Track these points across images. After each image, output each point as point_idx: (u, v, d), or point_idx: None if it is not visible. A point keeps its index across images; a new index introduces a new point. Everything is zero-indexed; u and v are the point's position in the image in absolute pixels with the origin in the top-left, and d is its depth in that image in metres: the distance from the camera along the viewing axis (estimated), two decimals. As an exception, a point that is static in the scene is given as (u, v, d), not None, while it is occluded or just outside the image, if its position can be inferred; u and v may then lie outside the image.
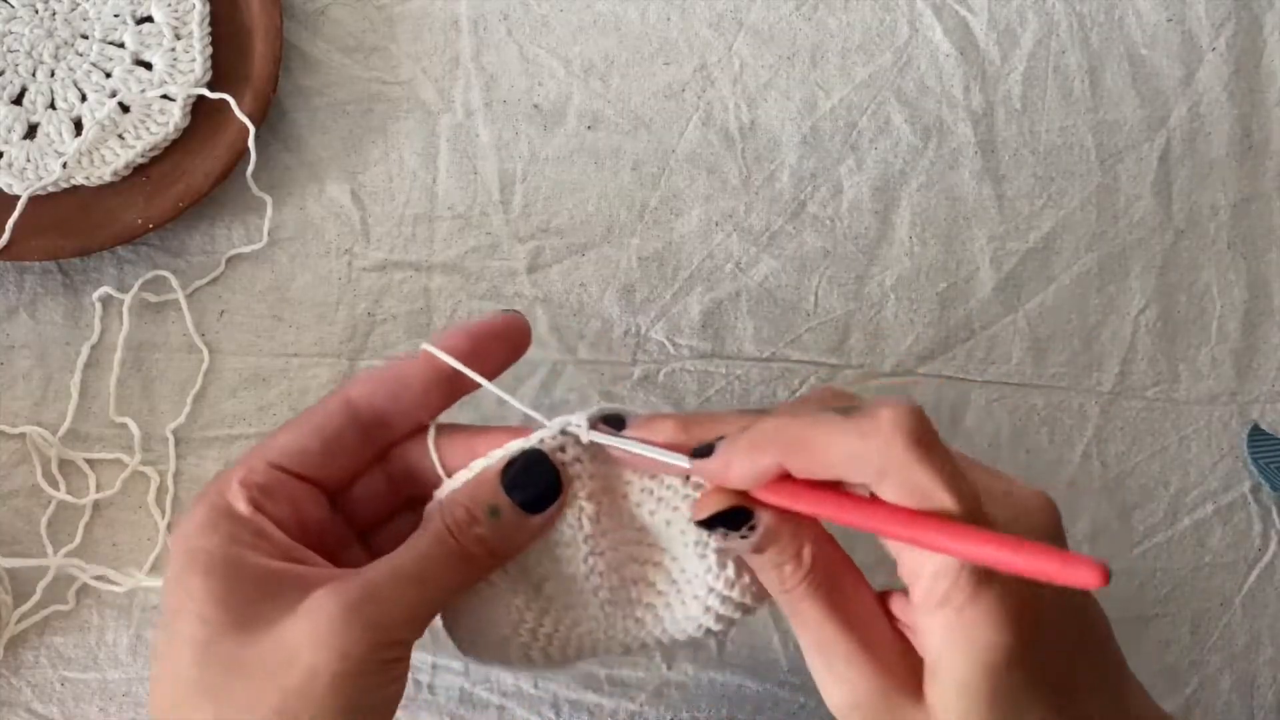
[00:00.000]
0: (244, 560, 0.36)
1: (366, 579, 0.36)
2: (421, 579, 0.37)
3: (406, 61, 0.56)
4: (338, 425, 0.39)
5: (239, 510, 0.37)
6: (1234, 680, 0.55)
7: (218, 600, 0.36)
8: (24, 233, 0.52)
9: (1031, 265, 0.57)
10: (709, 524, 0.36)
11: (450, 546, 0.37)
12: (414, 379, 0.39)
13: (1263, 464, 0.55)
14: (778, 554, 0.35)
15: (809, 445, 0.34)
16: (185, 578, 0.36)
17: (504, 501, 0.37)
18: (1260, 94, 0.59)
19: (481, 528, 0.37)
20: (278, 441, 0.39)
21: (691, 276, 0.55)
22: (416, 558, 0.37)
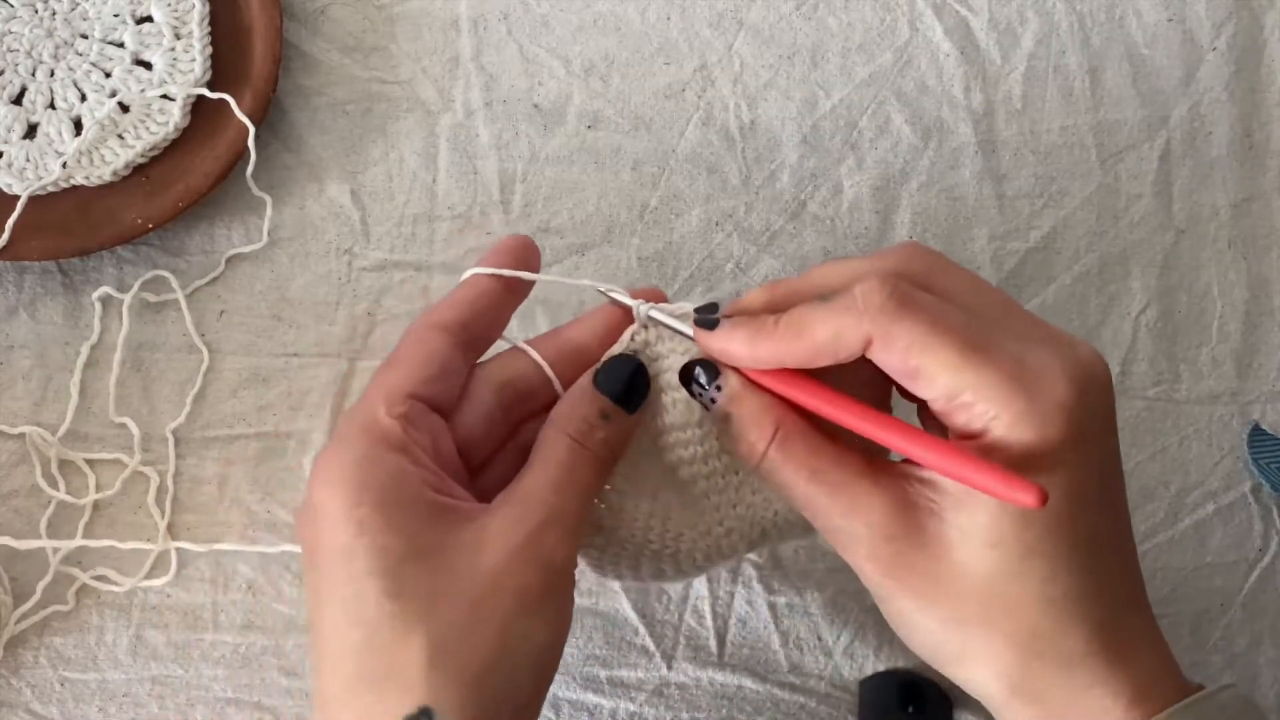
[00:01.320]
0: (413, 490, 0.36)
1: (532, 495, 0.37)
2: (576, 486, 0.38)
3: (406, 61, 0.56)
4: (446, 350, 0.39)
5: (397, 438, 0.37)
6: (1235, 680, 0.55)
7: (396, 529, 0.35)
8: (24, 233, 0.52)
9: (1032, 265, 0.57)
10: (684, 376, 0.39)
11: (582, 453, 0.38)
12: (489, 290, 0.41)
13: (1263, 464, 0.55)
14: (742, 420, 0.38)
15: (801, 336, 0.36)
16: (355, 510, 0.36)
17: (608, 404, 0.39)
18: (1260, 94, 0.59)
19: (601, 431, 0.39)
20: (403, 372, 0.39)
21: (691, 276, 0.55)
22: (560, 467, 0.38)
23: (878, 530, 0.36)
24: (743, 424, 0.38)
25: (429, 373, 0.39)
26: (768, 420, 0.38)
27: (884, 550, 0.36)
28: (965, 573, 0.35)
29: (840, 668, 0.53)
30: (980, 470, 0.33)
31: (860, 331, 0.35)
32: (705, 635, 0.52)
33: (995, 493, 0.33)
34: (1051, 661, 0.36)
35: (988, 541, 0.35)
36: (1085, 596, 0.36)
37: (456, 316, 0.40)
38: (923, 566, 0.36)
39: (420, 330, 0.40)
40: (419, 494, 0.36)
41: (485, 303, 0.41)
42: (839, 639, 0.53)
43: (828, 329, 0.35)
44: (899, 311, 0.35)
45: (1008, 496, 0.33)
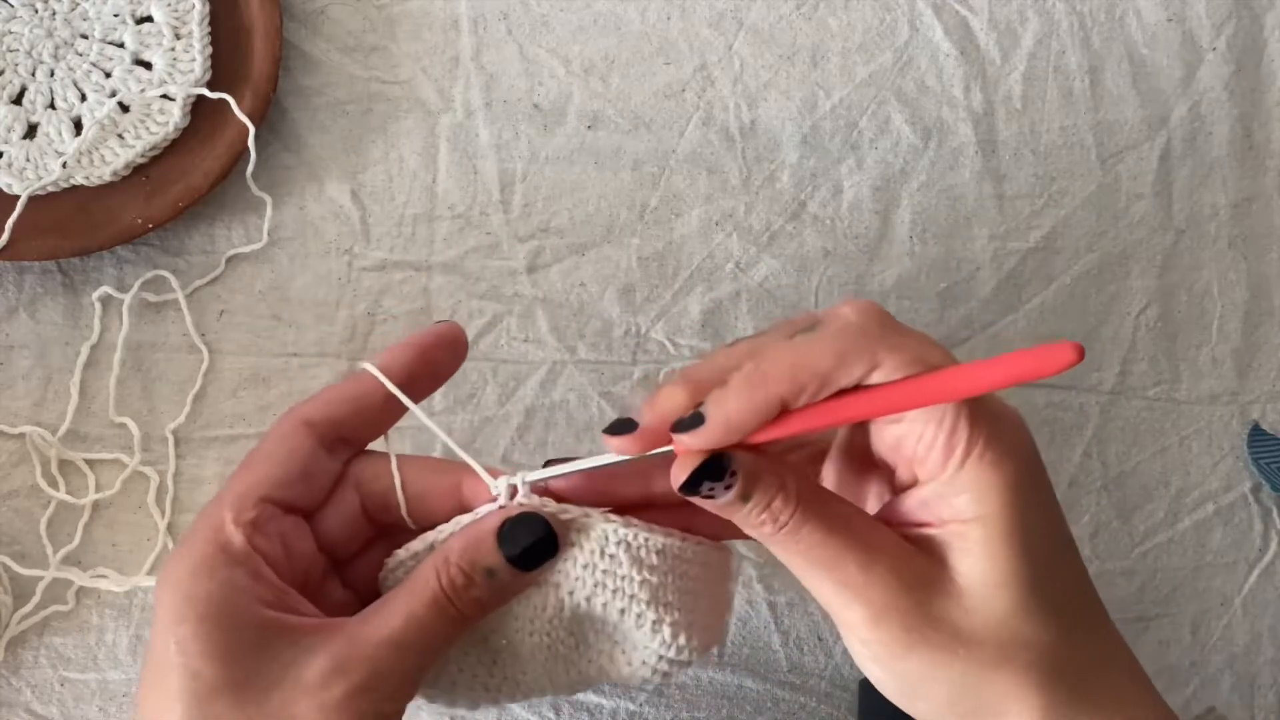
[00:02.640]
0: (240, 608, 0.35)
1: (366, 645, 0.35)
2: (420, 646, 0.36)
3: (406, 61, 0.56)
4: (309, 449, 0.38)
5: (237, 549, 0.36)
6: (1234, 680, 0.55)
7: (212, 655, 0.34)
8: (24, 233, 0.52)
9: (1032, 265, 0.57)
10: (691, 485, 0.35)
11: (447, 611, 0.36)
12: (367, 396, 0.39)
13: (1263, 464, 0.55)
14: (763, 494, 0.35)
15: (801, 370, 0.34)
16: (176, 626, 0.35)
17: (501, 563, 0.37)
18: (1260, 94, 0.59)
19: (478, 590, 0.37)
20: (259, 474, 0.37)
21: (691, 276, 0.55)
22: (413, 624, 0.36)
23: (895, 581, 0.35)
24: (766, 498, 0.35)
25: (287, 474, 0.37)
26: (790, 485, 0.35)
27: (902, 603, 0.35)
28: (981, 618, 0.35)
29: (840, 668, 0.53)
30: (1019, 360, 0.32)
31: (868, 355, 0.33)
32: (705, 635, 0.52)
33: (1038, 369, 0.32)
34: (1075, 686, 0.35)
35: (996, 583, 0.35)
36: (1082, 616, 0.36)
37: (328, 415, 0.38)
38: (938, 616, 0.35)
39: (287, 426, 0.38)
40: (247, 613, 0.35)
41: (367, 403, 0.39)
42: (839, 639, 0.53)
43: (829, 356, 0.33)
44: (901, 330, 0.34)
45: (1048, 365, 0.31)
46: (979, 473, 0.34)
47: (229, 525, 0.36)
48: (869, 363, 0.33)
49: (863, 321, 0.34)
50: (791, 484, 0.35)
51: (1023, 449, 0.35)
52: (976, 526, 0.34)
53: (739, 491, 0.35)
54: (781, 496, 0.35)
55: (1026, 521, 0.34)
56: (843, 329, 0.34)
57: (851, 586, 0.35)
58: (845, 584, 0.35)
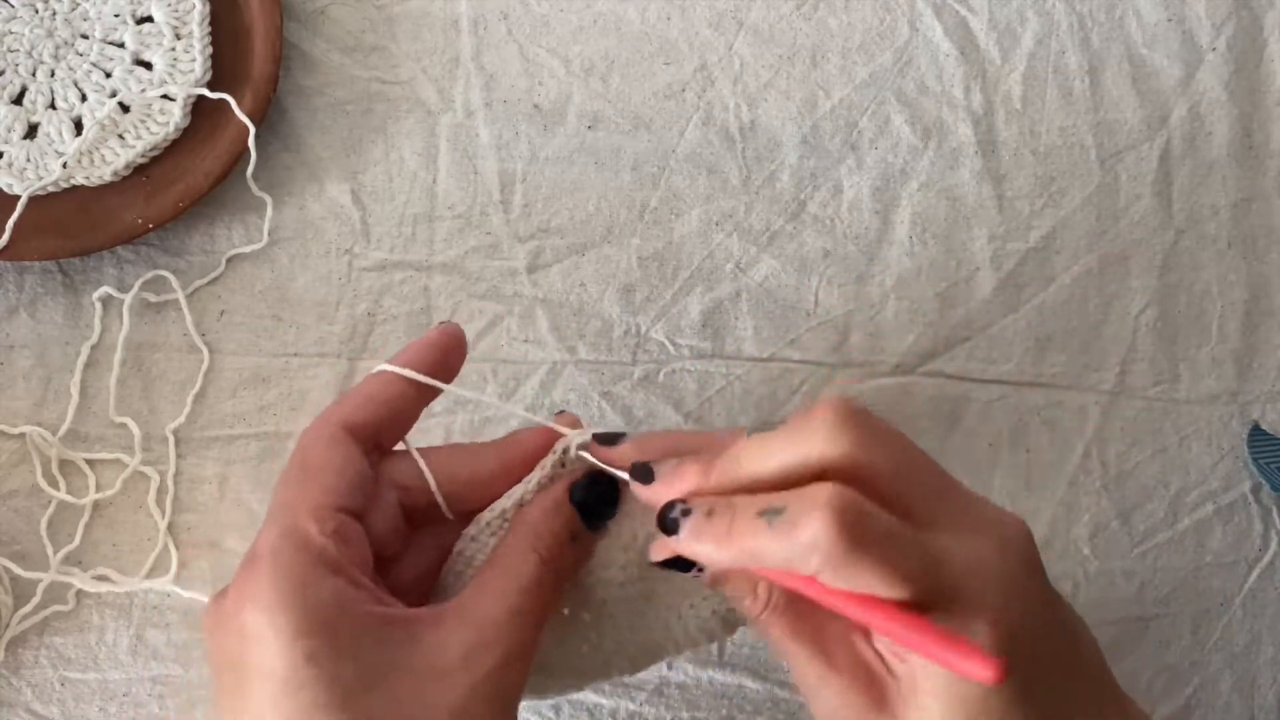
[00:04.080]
0: (360, 612, 0.35)
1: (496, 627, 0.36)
2: (534, 611, 0.37)
3: (406, 61, 0.56)
4: (358, 456, 0.38)
5: (334, 558, 0.35)
6: (1234, 680, 0.55)
7: (349, 657, 0.34)
8: (24, 233, 0.52)
9: (1031, 265, 0.57)
10: (664, 566, 0.38)
11: (549, 580, 0.38)
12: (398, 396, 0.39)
13: (1263, 464, 0.55)
14: (733, 589, 0.37)
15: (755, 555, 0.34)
16: (302, 641, 0.33)
17: (580, 526, 0.38)
18: (1260, 94, 0.59)
19: (569, 554, 0.38)
20: (325, 484, 0.37)
21: (691, 276, 0.55)
22: (525, 594, 0.37)
23: (848, 700, 0.36)
24: (738, 592, 0.37)
25: (349, 483, 0.37)
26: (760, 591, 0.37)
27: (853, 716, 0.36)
28: None
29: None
30: (941, 643, 0.33)
31: (810, 567, 0.33)
32: (705, 635, 0.52)
33: (954, 666, 0.33)
34: None
35: None
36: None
37: (367, 419, 0.38)
38: None
39: (330, 433, 0.38)
40: (367, 615, 0.35)
41: (398, 405, 0.39)
42: (839, 639, 0.53)
43: (778, 555, 0.34)
44: (849, 555, 0.33)
45: (965, 670, 0.32)
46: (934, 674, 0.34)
47: (319, 538, 0.35)
48: (811, 573, 0.34)
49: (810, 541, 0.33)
50: (762, 589, 0.37)
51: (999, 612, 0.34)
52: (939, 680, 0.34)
53: (708, 581, 0.37)
54: (749, 598, 0.37)
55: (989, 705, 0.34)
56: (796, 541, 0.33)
57: (808, 689, 0.37)
58: (804, 684, 0.37)
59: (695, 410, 0.54)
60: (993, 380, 0.56)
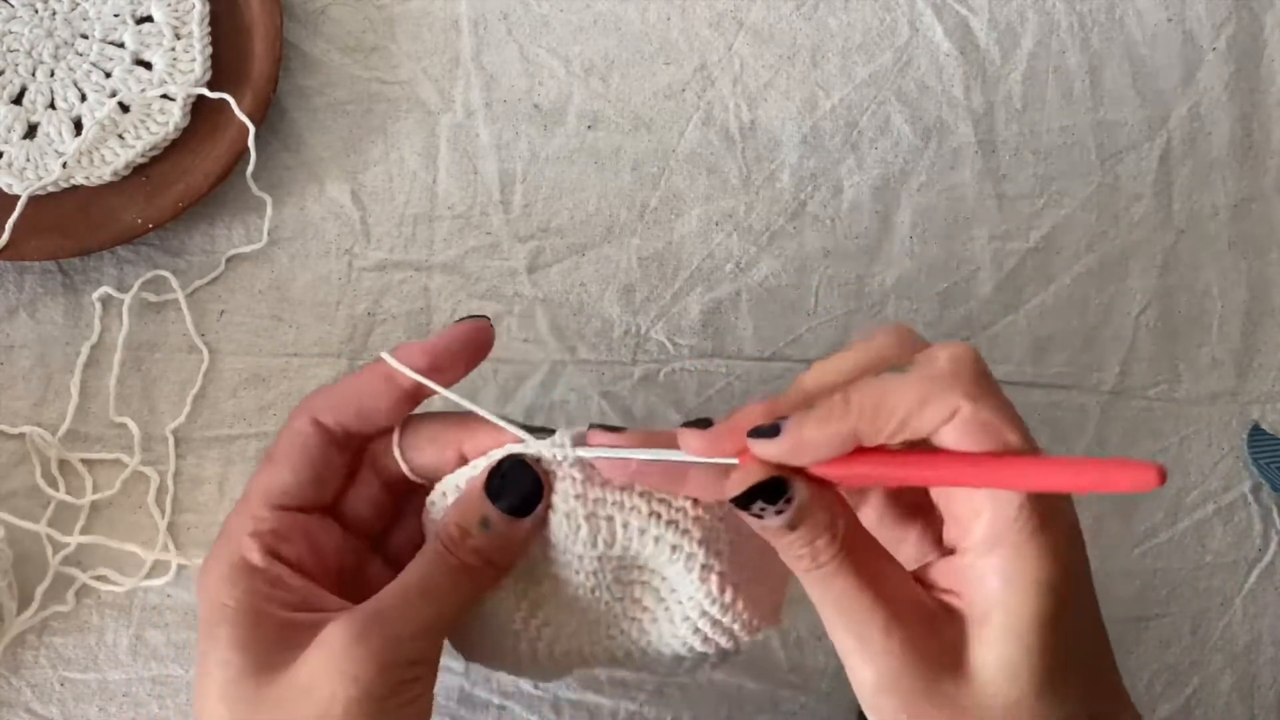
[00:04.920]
0: (263, 613, 0.37)
1: (375, 605, 0.37)
2: (426, 596, 0.37)
3: (406, 61, 0.56)
4: (320, 450, 0.39)
5: (254, 563, 0.38)
6: (1234, 680, 0.55)
7: (239, 646, 0.37)
8: (24, 233, 0.52)
9: (1032, 265, 0.57)
10: (745, 500, 0.35)
11: (450, 562, 0.37)
12: (380, 396, 0.39)
13: (1263, 464, 0.55)
14: (811, 528, 0.35)
15: (881, 409, 0.33)
16: (211, 627, 0.37)
17: (491, 511, 0.37)
18: (1260, 94, 0.59)
19: (475, 539, 0.37)
20: (272, 481, 0.39)
21: (691, 276, 0.55)
22: (420, 577, 0.38)
23: (910, 655, 0.35)
24: (813, 534, 0.35)
25: (299, 480, 0.39)
26: (837, 528, 0.35)
27: (910, 679, 0.35)
28: (986, 703, 0.35)
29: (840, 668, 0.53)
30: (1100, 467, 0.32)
31: (950, 402, 0.33)
32: (705, 635, 0.52)
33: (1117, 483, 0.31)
34: None
35: (1007, 676, 0.34)
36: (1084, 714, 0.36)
37: (337, 415, 0.39)
38: (943, 696, 0.35)
39: (297, 424, 0.39)
40: (270, 617, 0.37)
41: (380, 402, 0.39)
42: (839, 639, 0.53)
43: (910, 398, 0.33)
44: (989, 385, 0.33)
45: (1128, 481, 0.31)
46: (1017, 563, 0.34)
47: (245, 539, 0.38)
48: (948, 411, 0.33)
49: (953, 369, 0.33)
50: (840, 526, 0.35)
51: (1067, 551, 0.34)
52: (1000, 614, 0.34)
53: (788, 520, 0.35)
54: (827, 536, 0.35)
55: (1053, 621, 0.34)
56: (931, 375, 0.33)
57: (868, 648, 0.35)
58: (862, 643, 0.35)
59: (695, 410, 0.54)
60: (993, 380, 0.56)
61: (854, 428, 0.34)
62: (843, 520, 0.35)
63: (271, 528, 0.38)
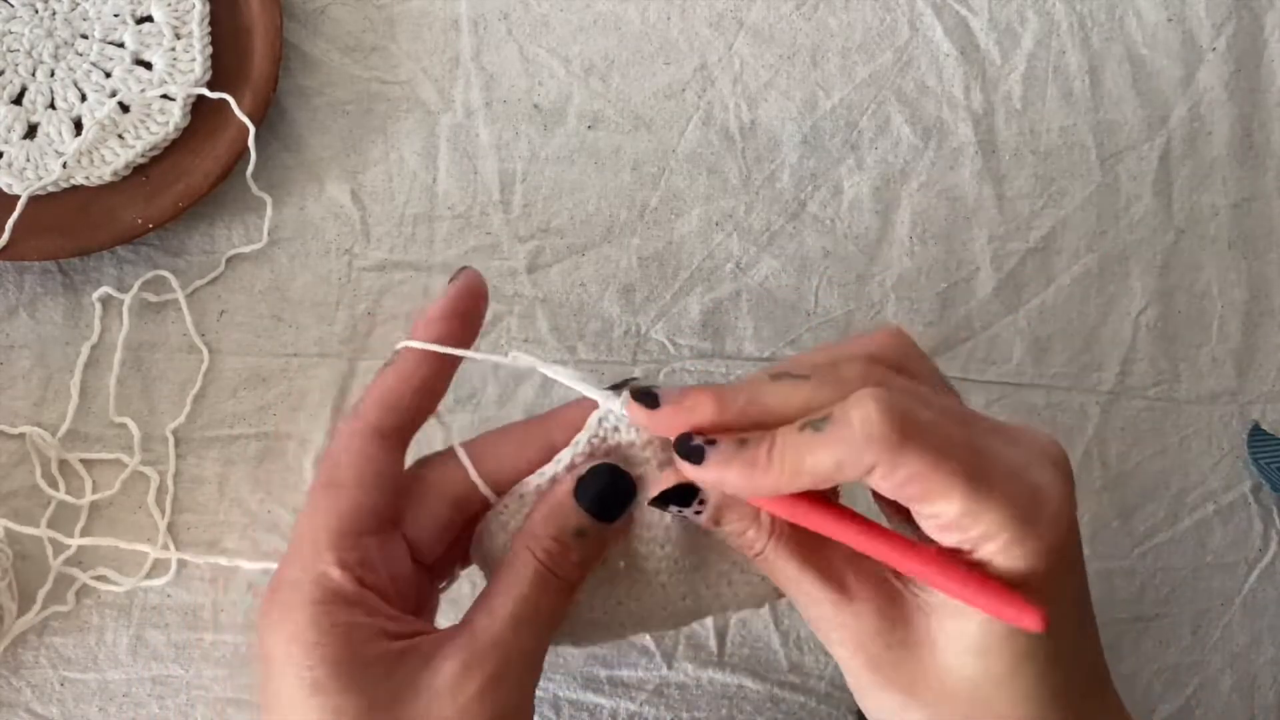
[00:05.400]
0: (367, 647, 0.35)
1: (488, 638, 0.36)
2: (537, 622, 0.37)
3: (406, 61, 0.56)
4: (392, 465, 0.38)
5: (350, 594, 0.36)
6: (1235, 680, 0.55)
7: (348, 689, 0.35)
8: (24, 233, 0.52)
9: (1032, 265, 0.57)
10: (661, 501, 0.36)
11: (552, 583, 0.37)
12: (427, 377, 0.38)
13: (1263, 464, 0.55)
14: (737, 522, 0.36)
15: (801, 469, 0.34)
16: (308, 673, 0.35)
17: (587, 521, 0.37)
18: (1260, 94, 0.59)
19: (574, 553, 0.37)
20: (352, 504, 0.37)
21: (691, 276, 0.55)
22: (525, 604, 0.36)
23: (866, 623, 0.35)
24: (741, 526, 0.36)
25: (379, 501, 0.37)
26: (763, 520, 0.36)
27: (872, 646, 0.35)
28: (951, 676, 0.35)
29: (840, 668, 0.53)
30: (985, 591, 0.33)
31: (863, 463, 0.33)
32: (705, 635, 0.52)
33: (999, 613, 0.33)
34: None
35: (975, 649, 0.34)
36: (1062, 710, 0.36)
37: (400, 419, 0.38)
38: (909, 665, 0.35)
39: (361, 442, 0.37)
40: (374, 649, 0.35)
41: (429, 387, 0.38)
42: (839, 639, 0.53)
43: (827, 461, 0.33)
44: (903, 443, 0.32)
45: (1011, 618, 0.32)
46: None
47: (334, 571, 0.36)
48: (864, 469, 0.33)
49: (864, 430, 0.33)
50: (765, 517, 0.36)
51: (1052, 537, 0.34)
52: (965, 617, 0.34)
53: (709, 518, 0.36)
54: (754, 528, 0.36)
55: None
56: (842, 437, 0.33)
57: (825, 621, 0.36)
58: (820, 618, 0.36)
59: (695, 410, 0.54)
60: (993, 380, 0.56)
61: (775, 484, 0.34)
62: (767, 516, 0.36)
63: (358, 557, 0.36)
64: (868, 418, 0.33)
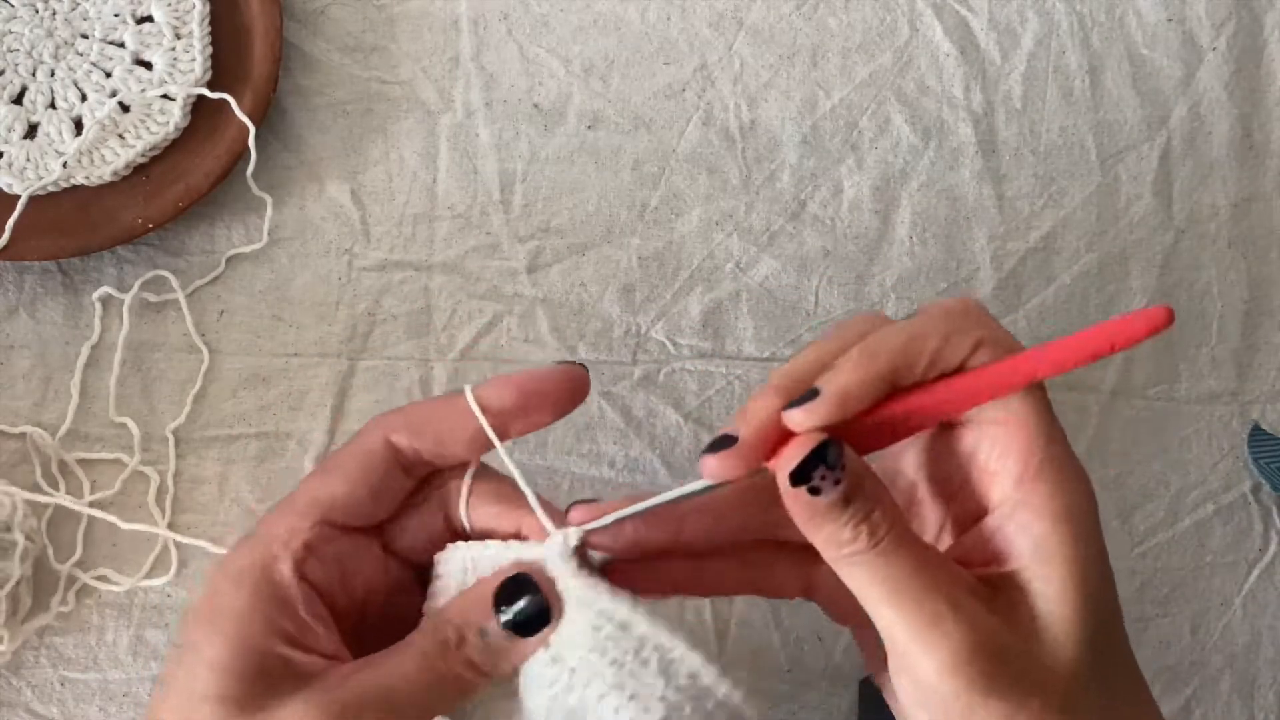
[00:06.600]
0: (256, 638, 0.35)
1: (349, 696, 0.34)
2: (407, 701, 0.35)
3: (406, 61, 0.56)
4: (385, 468, 0.37)
5: (276, 576, 0.36)
6: (1234, 680, 0.55)
7: (216, 667, 0.34)
8: (24, 233, 0.52)
9: (1032, 265, 0.57)
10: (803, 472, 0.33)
11: (437, 669, 0.35)
12: (458, 429, 0.37)
13: (1263, 464, 0.55)
14: (865, 501, 0.33)
15: (910, 344, 0.34)
16: (206, 625, 0.35)
17: (493, 624, 0.35)
18: (1260, 94, 0.59)
19: (469, 648, 0.35)
20: (321, 492, 0.37)
21: (691, 276, 0.55)
22: (401, 677, 0.35)
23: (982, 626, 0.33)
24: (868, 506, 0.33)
25: (353, 496, 0.37)
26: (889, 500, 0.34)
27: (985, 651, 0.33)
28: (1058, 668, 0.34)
29: (840, 667, 0.53)
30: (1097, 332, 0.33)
31: (972, 332, 0.34)
32: (705, 635, 0.52)
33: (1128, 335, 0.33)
34: None
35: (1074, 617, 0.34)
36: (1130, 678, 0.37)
37: (414, 443, 0.37)
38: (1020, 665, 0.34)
39: (371, 440, 0.37)
40: (260, 644, 0.35)
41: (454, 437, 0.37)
42: (839, 639, 0.53)
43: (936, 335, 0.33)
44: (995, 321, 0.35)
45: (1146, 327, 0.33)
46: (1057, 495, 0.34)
47: (276, 546, 0.36)
48: (973, 342, 0.34)
49: (963, 306, 0.35)
50: (889, 500, 0.34)
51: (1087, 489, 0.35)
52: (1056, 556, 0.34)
53: (844, 491, 0.33)
54: (881, 509, 0.33)
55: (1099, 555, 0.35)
56: (946, 312, 0.34)
57: (935, 628, 0.33)
58: (929, 625, 0.33)
59: (695, 410, 0.54)
60: (993, 380, 0.56)
61: (892, 365, 0.33)
62: (887, 493, 0.34)
63: (305, 540, 0.36)
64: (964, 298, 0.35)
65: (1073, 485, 0.35)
